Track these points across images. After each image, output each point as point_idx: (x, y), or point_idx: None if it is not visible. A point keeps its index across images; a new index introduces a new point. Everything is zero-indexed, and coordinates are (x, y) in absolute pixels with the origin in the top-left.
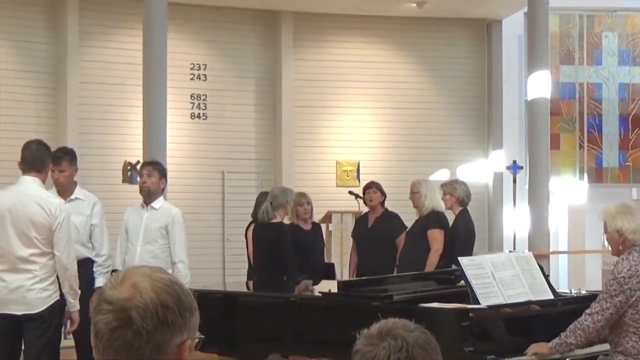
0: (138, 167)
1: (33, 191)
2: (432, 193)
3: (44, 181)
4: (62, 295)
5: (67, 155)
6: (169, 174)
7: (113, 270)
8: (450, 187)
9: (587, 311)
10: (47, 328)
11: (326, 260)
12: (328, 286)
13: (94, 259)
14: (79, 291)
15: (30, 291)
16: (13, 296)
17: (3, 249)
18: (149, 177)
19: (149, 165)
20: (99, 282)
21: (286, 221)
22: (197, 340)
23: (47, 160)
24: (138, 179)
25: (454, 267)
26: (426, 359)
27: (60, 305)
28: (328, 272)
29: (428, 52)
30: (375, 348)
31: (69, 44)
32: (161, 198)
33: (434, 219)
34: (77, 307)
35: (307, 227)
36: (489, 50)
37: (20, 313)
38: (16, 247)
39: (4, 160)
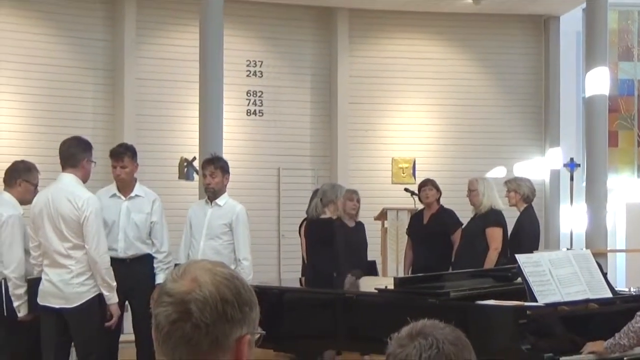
0: (194, 163)
1: (66, 187)
2: (489, 191)
3: (82, 176)
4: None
5: (128, 151)
6: None
7: (176, 265)
8: (515, 184)
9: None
10: (87, 322)
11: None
12: (370, 283)
13: (155, 255)
14: (114, 284)
15: (68, 285)
16: (53, 290)
17: (44, 245)
18: (212, 177)
19: (211, 165)
20: (160, 278)
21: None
22: (258, 335)
23: (80, 155)
24: (194, 174)
25: None
26: (457, 355)
27: (101, 299)
28: (370, 269)
29: (484, 49)
30: (406, 348)
31: (126, 40)
32: (226, 194)
33: (492, 217)
34: (114, 300)
35: (351, 223)
36: (547, 46)
37: (58, 306)
38: (53, 241)
39: None
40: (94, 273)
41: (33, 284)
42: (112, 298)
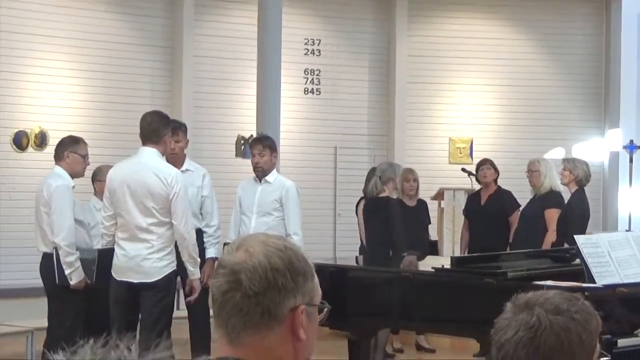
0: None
1: (150, 162)
2: (550, 172)
3: (163, 151)
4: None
5: (182, 126)
6: (281, 149)
7: (226, 244)
8: (572, 165)
9: None
10: (163, 297)
11: (434, 238)
12: (434, 262)
13: (204, 229)
14: (199, 259)
15: (146, 260)
16: (131, 264)
17: (124, 218)
18: (261, 157)
19: (259, 144)
20: (210, 252)
21: (393, 196)
22: (319, 308)
23: (163, 130)
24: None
25: (566, 245)
26: (555, 348)
27: (175, 275)
28: (433, 249)
29: (545, 29)
30: (511, 318)
31: (185, 18)
32: (274, 171)
33: (552, 198)
34: (198, 275)
35: (412, 203)
36: (607, 27)
37: (136, 281)
38: (136, 216)
39: (121, 132)
40: (180, 249)
41: (104, 255)
42: (195, 273)
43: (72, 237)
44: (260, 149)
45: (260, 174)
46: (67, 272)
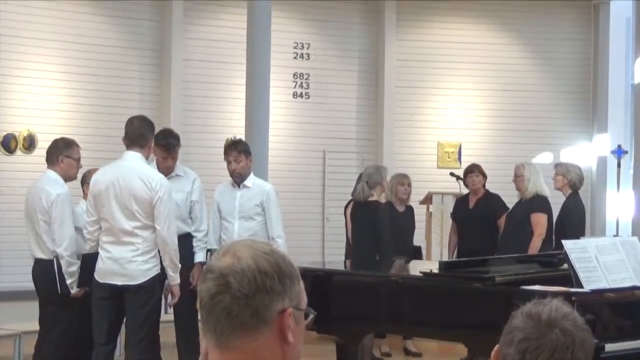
0: None
1: (135, 166)
2: (535, 177)
3: (147, 156)
4: (162, 269)
5: (178, 142)
6: (270, 153)
7: (209, 250)
8: (564, 168)
9: None
10: (147, 300)
11: (417, 243)
12: (418, 266)
13: (194, 234)
14: (179, 265)
15: (131, 263)
16: (115, 267)
17: (109, 222)
18: (237, 163)
19: (234, 151)
20: (199, 257)
21: (382, 200)
22: (307, 313)
23: (149, 135)
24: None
25: None
26: None
27: (160, 278)
28: (415, 254)
29: (533, 34)
30: (542, 338)
31: (174, 21)
32: (252, 175)
33: (537, 203)
34: (178, 280)
35: (401, 208)
36: (596, 32)
37: (121, 283)
38: (120, 220)
39: (110, 135)
40: (162, 254)
41: (88, 260)
42: (176, 279)
43: (74, 247)
44: (236, 155)
45: (239, 179)
46: (68, 281)
